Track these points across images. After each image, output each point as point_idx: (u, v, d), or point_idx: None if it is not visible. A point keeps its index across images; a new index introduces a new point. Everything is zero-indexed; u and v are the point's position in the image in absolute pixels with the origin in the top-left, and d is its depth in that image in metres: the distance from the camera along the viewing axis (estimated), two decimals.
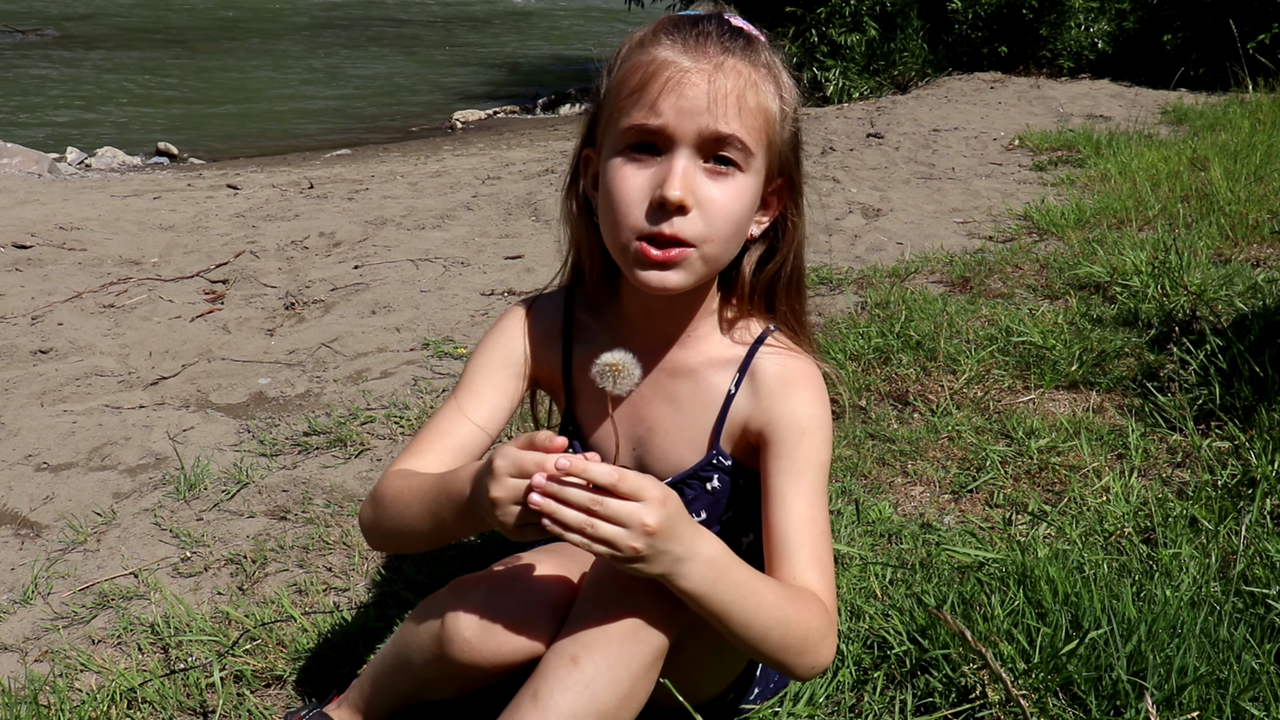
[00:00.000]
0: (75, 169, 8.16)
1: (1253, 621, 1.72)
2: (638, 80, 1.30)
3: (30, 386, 3.18)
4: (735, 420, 1.47)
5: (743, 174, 1.33)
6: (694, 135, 1.29)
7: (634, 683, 1.25)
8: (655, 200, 1.29)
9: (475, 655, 1.33)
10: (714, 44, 1.31)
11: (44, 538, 2.33)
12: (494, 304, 3.91)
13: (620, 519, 1.13)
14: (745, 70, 1.31)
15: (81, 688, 1.82)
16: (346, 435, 2.75)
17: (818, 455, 1.41)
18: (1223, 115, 7.18)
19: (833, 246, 4.56)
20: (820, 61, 10.22)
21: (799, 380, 1.45)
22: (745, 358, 1.47)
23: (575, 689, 1.23)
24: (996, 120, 7.74)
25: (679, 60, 1.29)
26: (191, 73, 13.75)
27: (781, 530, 1.36)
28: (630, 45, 1.37)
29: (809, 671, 1.32)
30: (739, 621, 1.23)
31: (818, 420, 1.43)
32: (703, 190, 1.30)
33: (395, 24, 20.12)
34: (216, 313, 3.93)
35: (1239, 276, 3.54)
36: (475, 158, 7.99)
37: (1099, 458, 2.46)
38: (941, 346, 3.06)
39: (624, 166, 1.32)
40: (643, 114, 1.29)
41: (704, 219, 1.31)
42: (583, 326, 1.55)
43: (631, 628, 1.25)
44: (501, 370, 1.54)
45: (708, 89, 1.28)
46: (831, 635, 1.31)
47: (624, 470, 1.14)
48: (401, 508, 1.38)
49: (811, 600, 1.30)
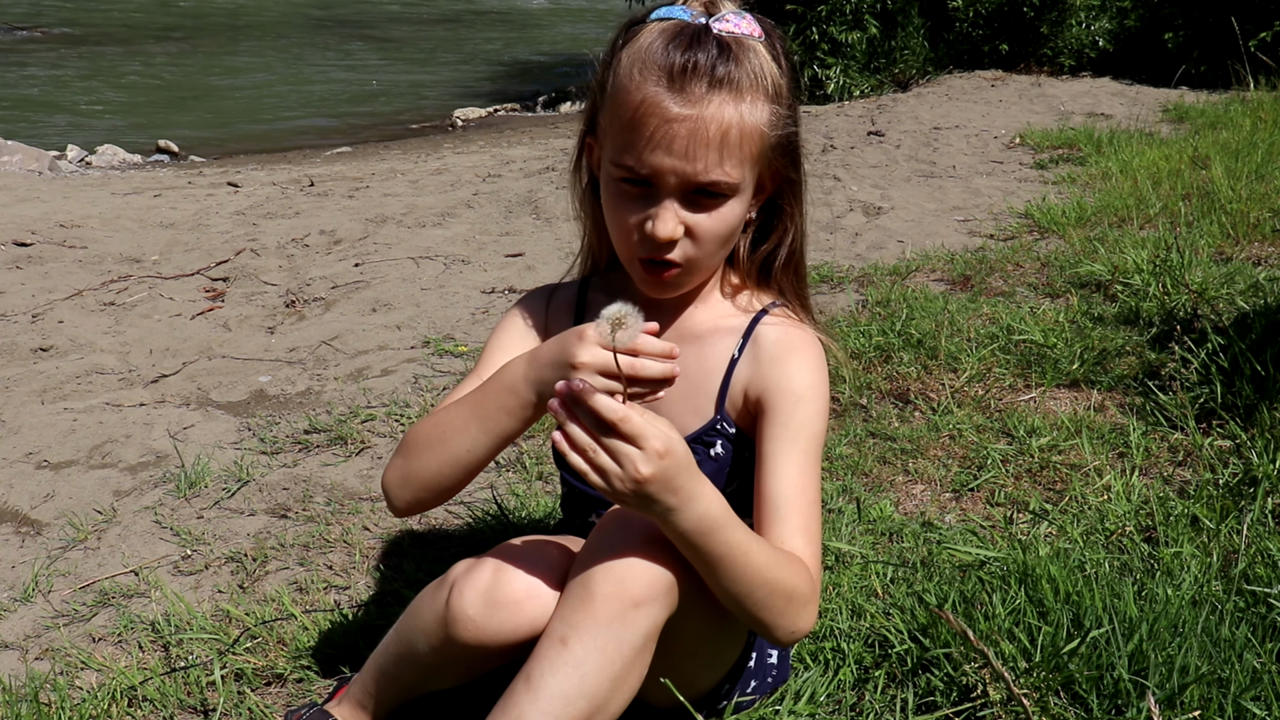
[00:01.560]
0: (76, 166, 8.16)
1: (1254, 620, 1.72)
2: (627, 118, 1.34)
3: (31, 384, 3.18)
4: (737, 386, 1.49)
5: (730, 199, 1.38)
6: (677, 187, 1.35)
7: (625, 664, 1.26)
8: (646, 233, 1.37)
9: (480, 634, 1.34)
10: (701, 82, 1.31)
11: (44, 535, 2.33)
12: (495, 302, 3.91)
13: (617, 456, 1.17)
14: (730, 106, 1.32)
15: (82, 686, 1.82)
16: (347, 433, 2.75)
17: (812, 424, 1.42)
18: (1224, 113, 7.18)
19: (834, 244, 4.56)
20: (821, 59, 10.21)
21: (798, 348, 1.47)
22: (749, 325, 1.50)
23: (565, 670, 1.24)
24: (997, 118, 7.74)
25: (667, 108, 1.31)
26: (192, 70, 13.74)
27: (771, 496, 1.38)
28: (627, 52, 1.37)
29: (788, 635, 1.34)
30: (725, 575, 1.26)
31: (814, 389, 1.44)
32: (690, 220, 1.37)
33: (396, 21, 20.10)
34: (217, 310, 3.93)
35: (1240, 275, 3.54)
36: (476, 155, 7.98)
37: (1100, 456, 2.46)
38: (942, 345, 3.06)
39: (618, 195, 1.39)
40: (631, 159, 1.34)
41: (693, 243, 1.39)
42: (594, 305, 1.58)
43: (620, 609, 1.26)
44: (520, 345, 1.55)
45: (690, 141, 1.31)
46: (813, 603, 1.34)
47: (632, 411, 1.17)
48: (439, 436, 1.41)
49: (799, 565, 1.33)
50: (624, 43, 1.39)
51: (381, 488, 1.49)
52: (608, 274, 1.60)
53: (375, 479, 2.54)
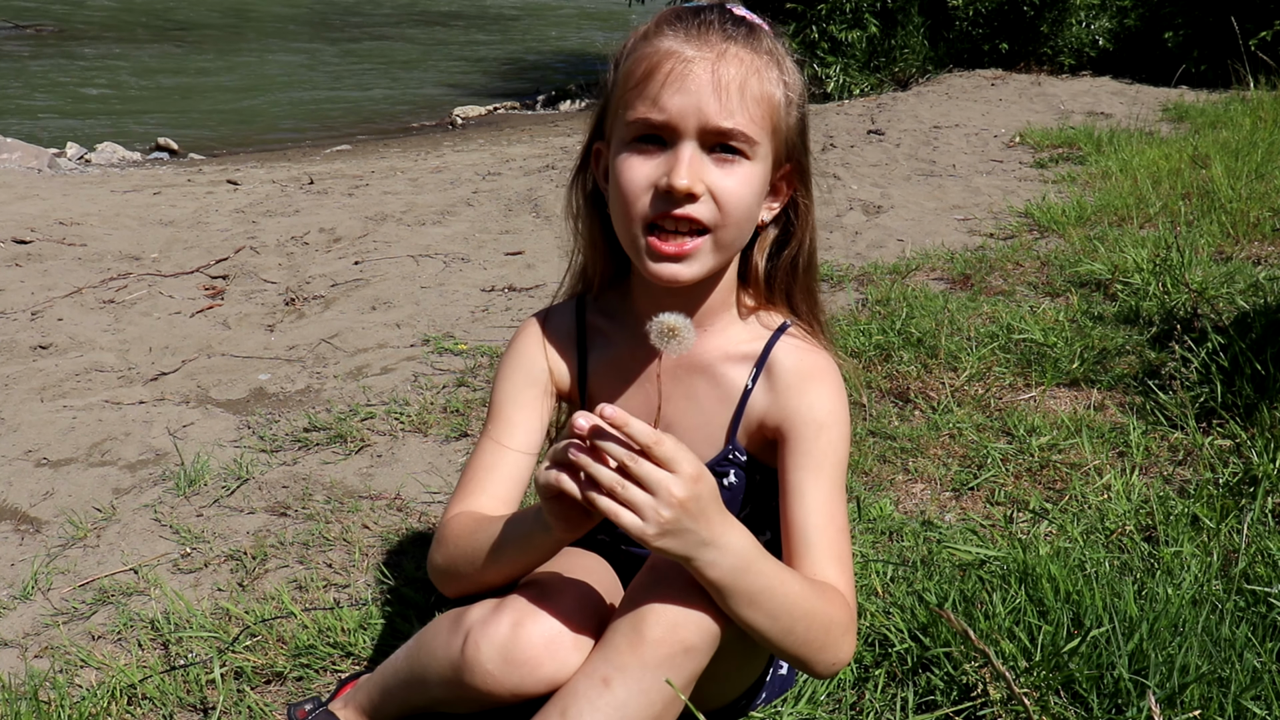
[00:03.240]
0: (75, 164, 8.15)
1: (1254, 620, 1.72)
2: (642, 72, 1.31)
3: (30, 382, 3.18)
4: (753, 415, 1.46)
5: (749, 161, 1.33)
6: (697, 128, 1.29)
7: (665, 707, 1.24)
8: (662, 188, 1.30)
9: (496, 686, 1.30)
10: (716, 32, 1.31)
11: (44, 533, 2.33)
12: (494, 300, 3.90)
13: (650, 484, 1.11)
14: (748, 58, 1.31)
15: (81, 684, 1.81)
16: (347, 431, 2.75)
17: (836, 451, 1.40)
18: (1224, 112, 7.18)
19: (834, 243, 4.56)
20: (821, 58, 10.22)
21: (817, 375, 1.44)
22: (763, 352, 1.46)
23: (606, 711, 1.22)
24: (997, 117, 7.74)
25: (681, 50, 1.29)
26: (192, 68, 13.74)
27: (800, 526, 1.35)
28: (635, 39, 1.38)
29: (829, 669, 1.31)
30: (764, 615, 1.22)
31: (835, 416, 1.42)
32: (711, 177, 1.31)
33: (396, 19, 20.10)
34: (216, 308, 3.92)
35: (1240, 274, 3.54)
36: (476, 153, 7.98)
37: (1100, 455, 2.46)
38: (942, 344, 3.06)
39: (631, 158, 1.33)
40: (646, 107, 1.30)
41: (715, 204, 1.32)
42: (597, 330, 1.55)
43: (670, 654, 1.23)
44: (527, 390, 1.53)
45: (710, 79, 1.28)
46: (852, 631, 1.31)
47: (664, 436, 1.13)
48: (475, 543, 1.38)
49: (834, 595, 1.30)
50: (632, 40, 1.39)
51: (429, 573, 1.48)
52: (602, 294, 1.55)
53: (375, 477, 2.54)
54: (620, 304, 1.52)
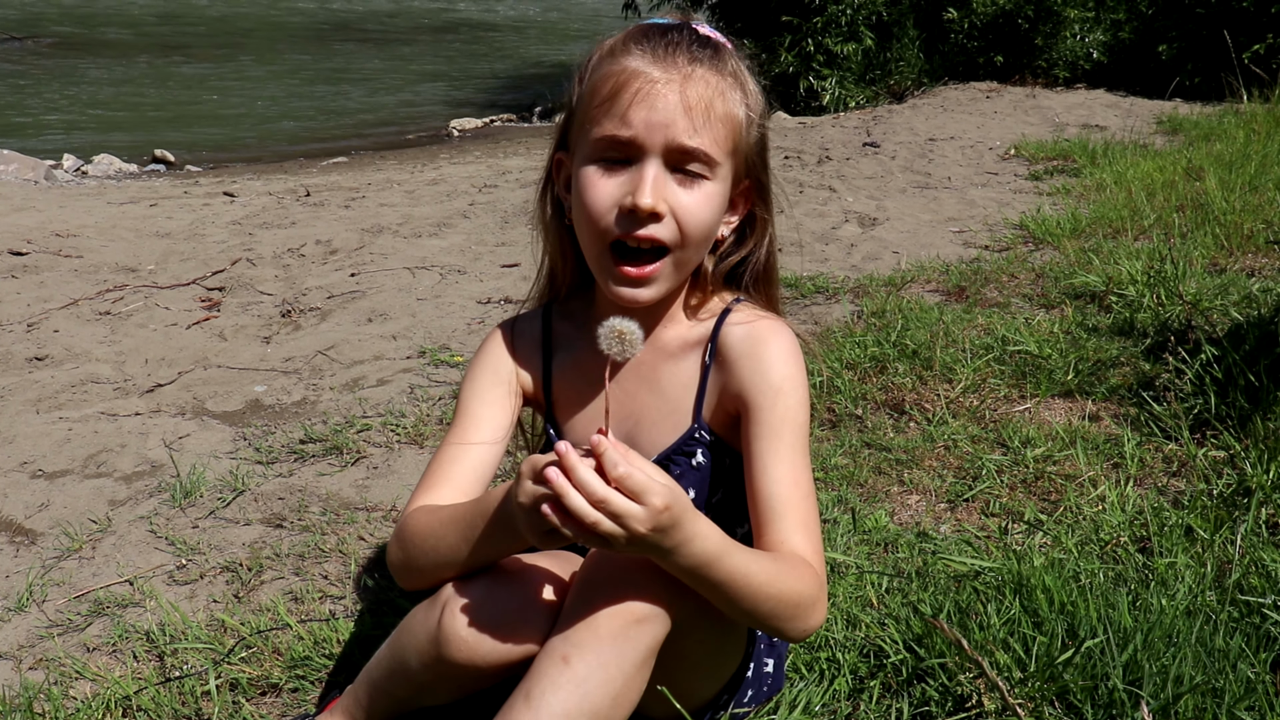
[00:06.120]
0: (71, 176, 8.15)
1: (1248, 630, 1.72)
2: (609, 90, 1.34)
3: (26, 393, 3.18)
4: (713, 391, 1.49)
5: (710, 181, 1.37)
6: (662, 146, 1.33)
7: (626, 681, 1.26)
8: (626, 207, 1.34)
9: (472, 655, 1.34)
10: (683, 54, 1.34)
11: (39, 545, 2.33)
12: (490, 312, 3.91)
13: (619, 518, 1.14)
14: (713, 80, 1.35)
15: (76, 696, 1.81)
16: (343, 443, 2.75)
17: (795, 417, 1.42)
18: (1218, 125, 7.22)
19: (829, 255, 4.57)
20: (816, 71, 10.25)
21: (766, 338, 1.46)
22: (713, 332, 1.49)
23: (567, 688, 1.24)
24: (992, 130, 7.77)
25: (649, 71, 1.33)
26: (188, 80, 13.75)
27: (765, 495, 1.38)
28: (601, 54, 1.40)
29: (800, 634, 1.35)
30: (728, 598, 1.27)
31: (792, 381, 1.43)
32: (674, 197, 1.35)
33: (392, 32, 20.15)
34: (213, 320, 3.93)
35: (1234, 286, 3.55)
36: (472, 166, 7.99)
37: (1095, 467, 2.47)
38: (938, 355, 3.07)
39: (596, 175, 1.36)
40: (614, 125, 1.33)
41: (676, 224, 1.36)
42: (561, 335, 1.59)
43: (622, 625, 1.26)
44: (493, 389, 1.56)
45: (677, 100, 1.32)
46: (822, 599, 1.34)
47: (632, 467, 1.14)
48: (435, 540, 1.39)
49: (802, 568, 1.33)
50: (597, 54, 1.41)
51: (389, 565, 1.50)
52: (569, 300, 1.58)
53: (371, 489, 2.54)
54: (585, 309, 1.56)
